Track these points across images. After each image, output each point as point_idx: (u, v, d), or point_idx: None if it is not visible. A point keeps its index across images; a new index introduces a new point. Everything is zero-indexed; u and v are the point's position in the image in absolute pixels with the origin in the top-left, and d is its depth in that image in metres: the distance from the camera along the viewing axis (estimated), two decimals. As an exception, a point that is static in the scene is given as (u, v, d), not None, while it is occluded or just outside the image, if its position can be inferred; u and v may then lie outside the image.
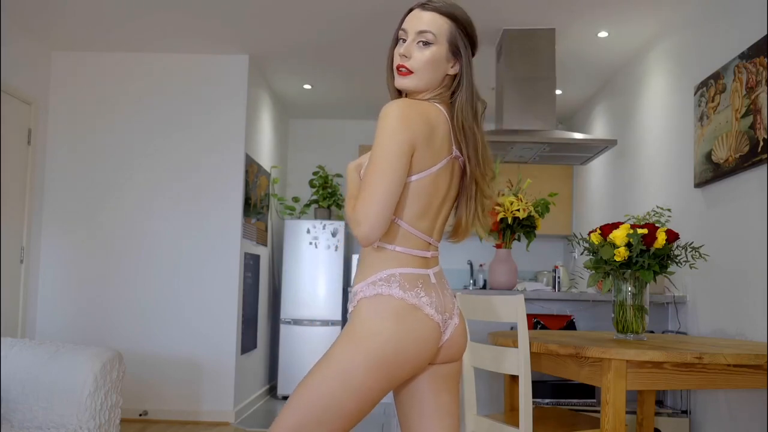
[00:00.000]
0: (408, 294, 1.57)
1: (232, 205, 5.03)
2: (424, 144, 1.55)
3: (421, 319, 1.57)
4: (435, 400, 1.67)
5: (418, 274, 1.60)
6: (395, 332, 1.53)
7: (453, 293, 1.70)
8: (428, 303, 1.58)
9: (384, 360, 1.52)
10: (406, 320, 1.55)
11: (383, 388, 1.55)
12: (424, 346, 1.57)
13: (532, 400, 2.38)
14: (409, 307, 1.56)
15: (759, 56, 3.09)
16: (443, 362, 1.67)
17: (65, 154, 5.03)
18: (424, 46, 1.62)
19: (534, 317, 3.71)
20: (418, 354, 1.57)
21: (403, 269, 1.59)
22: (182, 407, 4.88)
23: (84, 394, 2.55)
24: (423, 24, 1.62)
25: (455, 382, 1.73)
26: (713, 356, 2.21)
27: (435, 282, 1.63)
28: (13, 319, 4.55)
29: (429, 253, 1.65)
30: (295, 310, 6.04)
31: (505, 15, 4.25)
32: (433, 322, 1.58)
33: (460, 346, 1.68)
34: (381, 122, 1.54)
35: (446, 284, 1.68)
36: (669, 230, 2.60)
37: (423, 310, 1.57)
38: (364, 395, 1.52)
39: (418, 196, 1.59)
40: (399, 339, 1.53)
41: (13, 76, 4.50)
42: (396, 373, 1.55)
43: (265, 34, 4.68)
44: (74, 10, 4.32)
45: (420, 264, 1.62)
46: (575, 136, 4.34)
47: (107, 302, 4.95)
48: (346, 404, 1.52)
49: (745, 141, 3.16)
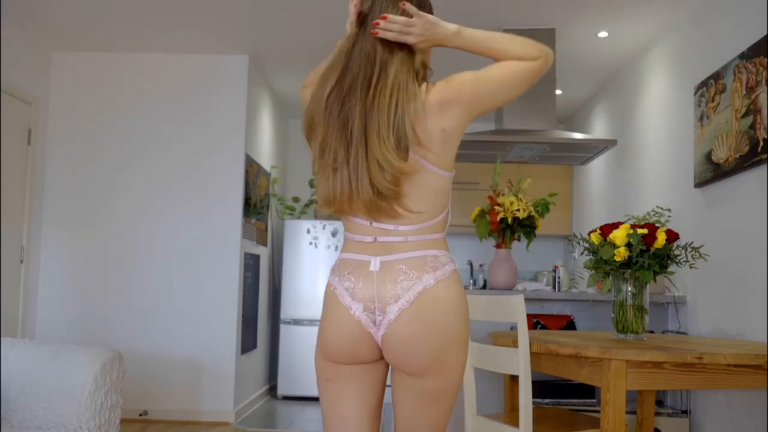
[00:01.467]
0: (334, 279, 1.62)
1: (232, 205, 5.03)
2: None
3: (337, 305, 1.59)
4: (398, 413, 1.63)
5: (349, 260, 1.61)
6: (323, 317, 1.64)
7: (414, 287, 1.51)
8: (346, 289, 1.58)
9: (318, 338, 1.65)
10: (327, 306, 1.62)
11: (326, 365, 1.64)
12: (338, 332, 1.58)
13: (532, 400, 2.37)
14: (331, 293, 1.61)
15: (759, 56, 3.09)
16: (397, 368, 1.58)
17: (65, 154, 5.04)
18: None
19: (534, 317, 3.71)
20: (336, 339, 1.59)
21: (343, 255, 1.64)
22: (182, 407, 4.88)
23: (84, 394, 2.55)
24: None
25: (419, 400, 1.57)
26: (713, 356, 2.21)
27: (375, 269, 1.55)
28: (13, 319, 4.55)
29: (369, 237, 1.57)
30: (295, 310, 6.04)
31: (505, 15, 4.25)
32: (345, 309, 1.57)
33: (403, 352, 1.52)
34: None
35: (405, 275, 1.52)
36: (669, 230, 2.60)
37: (339, 297, 1.59)
38: (316, 371, 1.68)
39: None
40: (323, 323, 1.63)
41: (13, 76, 4.50)
42: (325, 352, 1.62)
43: (265, 34, 4.68)
44: (74, 10, 4.32)
45: (358, 249, 1.60)
46: (575, 136, 4.34)
47: (107, 302, 4.95)
48: (317, 381, 1.69)
49: (745, 141, 3.16)
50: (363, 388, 1.63)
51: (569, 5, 4.06)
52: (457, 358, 1.55)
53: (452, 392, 1.59)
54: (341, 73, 1.55)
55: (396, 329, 1.52)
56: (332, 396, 1.65)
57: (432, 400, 1.57)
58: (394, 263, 1.54)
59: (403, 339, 1.52)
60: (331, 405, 1.65)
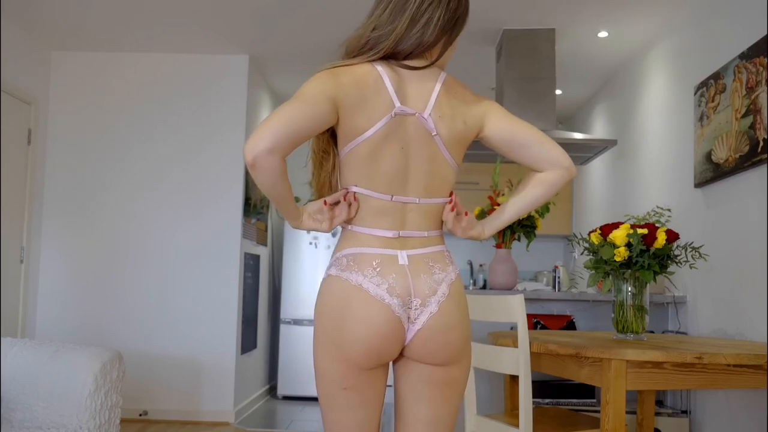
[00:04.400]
0: (354, 274, 1.53)
1: (232, 205, 5.03)
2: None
3: (369, 302, 1.50)
4: (414, 408, 1.61)
5: (373, 254, 1.55)
6: (340, 316, 1.52)
7: (445, 279, 1.57)
8: (378, 284, 1.51)
9: (324, 338, 1.53)
10: (348, 304, 1.51)
11: (346, 371, 1.53)
12: (369, 331, 1.50)
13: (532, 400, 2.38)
14: (353, 289, 1.52)
15: (759, 56, 3.09)
16: (424, 361, 1.58)
17: (65, 154, 5.03)
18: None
19: (534, 317, 3.71)
20: (366, 339, 1.50)
21: (354, 249, 1.56)
22: (182, 407, 4.88)
23: (84, 394, 2.55)
24: None
25: (441, 391, 1.59)
26: (713, 356, 2.21)
27: (405, 263, 1.55)
28: (13, 319, 4.55)
29: (390, 233, 1.56)
30: (295, 310, 6.04)
31: (505, 15, 4.25)
32: (383, 305, 1.50)
33: (440, 342, 1.55)
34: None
35: (434, 268, 1.57)
36: (669, 230, 2.61)
37: (368, 291, 1.51)
38: (319, 372, 1.56)
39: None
40: (344, 323, 1.51)
41: (13, 76, 4.50)
42: (346, 357, 1.51)
43: (265, 34, 4.68)
44: (74, 10, 4.32)
45: (380, 244, 1.56)
46: (575, 136, 4.34)
47: (107, 302, 4.95)
48: (318, 382, 1.59)
49: (745, 141, 3.16)
50: (377, 393, 1.59)
51: (569, 5, 4.06)
52: (470, 344, 1.65)
53: (467, 380, 1.66)
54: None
55: (436, 320, 1.55)
56: (345, 404, 1.57)
57: (454, 389, 1.61)
58: (417, 256, 1.57)
59: (443, 326, 1.55)
60: (341, 414, 1.57)
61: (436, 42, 1.58)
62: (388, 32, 1.55)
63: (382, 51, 1.55)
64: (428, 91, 1.57)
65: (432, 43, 1.58)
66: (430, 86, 1.57)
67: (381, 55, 1.56)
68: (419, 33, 1.55)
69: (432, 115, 1.55)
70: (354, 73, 1.53)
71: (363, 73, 1.53)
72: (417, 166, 1.56)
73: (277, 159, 1.38)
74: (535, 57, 4.40)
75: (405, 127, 1.54)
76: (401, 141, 1.54)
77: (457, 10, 1.59)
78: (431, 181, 1.58)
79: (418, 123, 1.55)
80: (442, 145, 1.57)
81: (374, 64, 1.55)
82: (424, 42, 1.56)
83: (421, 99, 1.56)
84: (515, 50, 4.41)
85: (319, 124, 1.45)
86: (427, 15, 1.55)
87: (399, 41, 1.55)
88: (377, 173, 1.55)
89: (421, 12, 1.55)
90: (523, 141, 1.61)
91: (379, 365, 1.56)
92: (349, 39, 1.60)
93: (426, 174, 1.57)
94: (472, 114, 1.60)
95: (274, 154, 1.37)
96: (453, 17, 1.59)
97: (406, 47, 1.56)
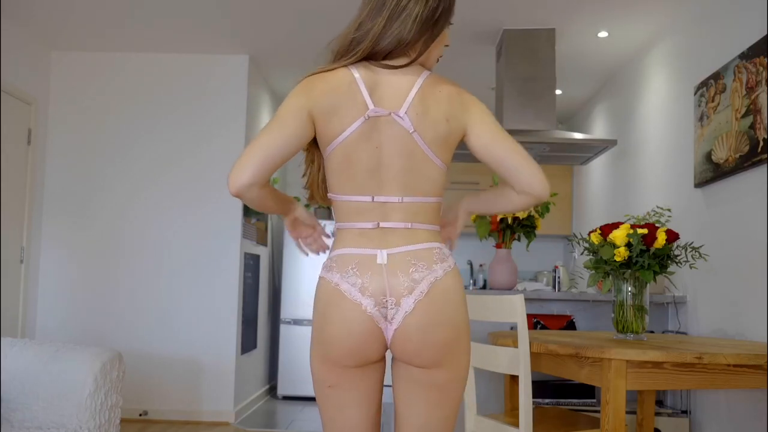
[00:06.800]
0: (334, 275, 1.57)
1: (232, 205, 5.03)
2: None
3: (343, 301, 1.53)
4: (405, 412, 1.61)
5: (353, 254, 1.56)
6: (321, 318, 1.57)
7: (427, 278, 1.53)
8: (353, 283, 1.53)
9: (312, 338, 1.59)
10: (328, 305, 1.56)
11: (329, 370, 1.58)
12: (347, 329, 1.53)
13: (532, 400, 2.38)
14: (332, 290, 1.56)
15: (759, 56, 3.09)
16: (407, 362, 1.56)
17: (65, 154, 5.03)
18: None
19: (534, 317, 3.71)
20: (343, 339, 1.53)
21: (340, 250, 1.59)
22: (182, 407, 4.88)
23: (84, 394, 2.55)
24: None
25: (427, 394, 1.57)
26: (713, 356, 2.21)
27: (384, 263, 1.54)
28: (13, 319, 4.55)
29: (370, 224, 1.57)
30: (295, 310, 6.03)
31: (505, 15, 4.25)
32: (354, 305, 1.52)
33: (418, 342, 1.52)
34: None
35: (415, 267, 1.54)
36: (669, 230, 2.61)
37: (343, 291, 1.54)
38: (311, 371, 1.63)
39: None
40: (324, 324, 1.56)
41: (13, 76, 4.50)
42: (327, 355, 1.56)
43: (265, 34, 4.68)
44: (74, 10, 4.32)
45: (362, 243, 1.57)
46: (575, 136, 4.34)
47: (107, 302, 4.95)
48: (317, 389, 1.64)
49: (745, 141, 3.16)
50: (366, 392, 1.60)
51: (569, 5, 4.06)
52: (465, 347, 1.58)
53: (461, 384, 1.60)
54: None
55: (411, 321, 1.52)
56: (335, 404, 1.60)
57: (443, 393, 1.58)
58: (396, 255, 1.55)
59: (417, 330, 1.52)
60: (334, 413, 1.60)
61: (417, 39, 1.57)
62: (367, 31, 1.56)
63: (361, 51, 1.56)
64: (407, 89, 1.56)
65: (412, 40, 1.56)
66: (409, 84, 1.57)
67: (360, 57, 1.56)
68: (397, 30, 1.55)
69: (409, 113, 1.54)
70: (328, 81, 1.55)
71: (337, 79, 1.55)
72: (392, 163, 1.55)
73: (257, 189, 1.51)
74: (534, 57, 4.40)
75: (381, 127, 1.54)
76: (377, 141, 1.54)
77: (437, 7, 1.57)
78: (411, 179, 1.56)
79: (394, 122, 1.54)
80: (423, 142, 1.55)
81: (350, 68, 1.56)
82: (403, 39, 1.55)
83: (398, 97, 1.55)
84: (515, 50, 4.41)
85: (297, 142, 1.53)
86: (405, 12, 1.55)
87: (378, 40, 1.56)
88: (355, 175, 1.55)
89: (399, 9, 1.55)
90: (501, 162, 1.61)
91: (365, 364, 1.57)
92: (335, 40, 1.61)
93: (403, 171, 1.56)
94: (455, 114, 1.58)
95: (255, 185, 1.50)
96: (433, 13, 1.57)
97: (385, 45, 1.56)
